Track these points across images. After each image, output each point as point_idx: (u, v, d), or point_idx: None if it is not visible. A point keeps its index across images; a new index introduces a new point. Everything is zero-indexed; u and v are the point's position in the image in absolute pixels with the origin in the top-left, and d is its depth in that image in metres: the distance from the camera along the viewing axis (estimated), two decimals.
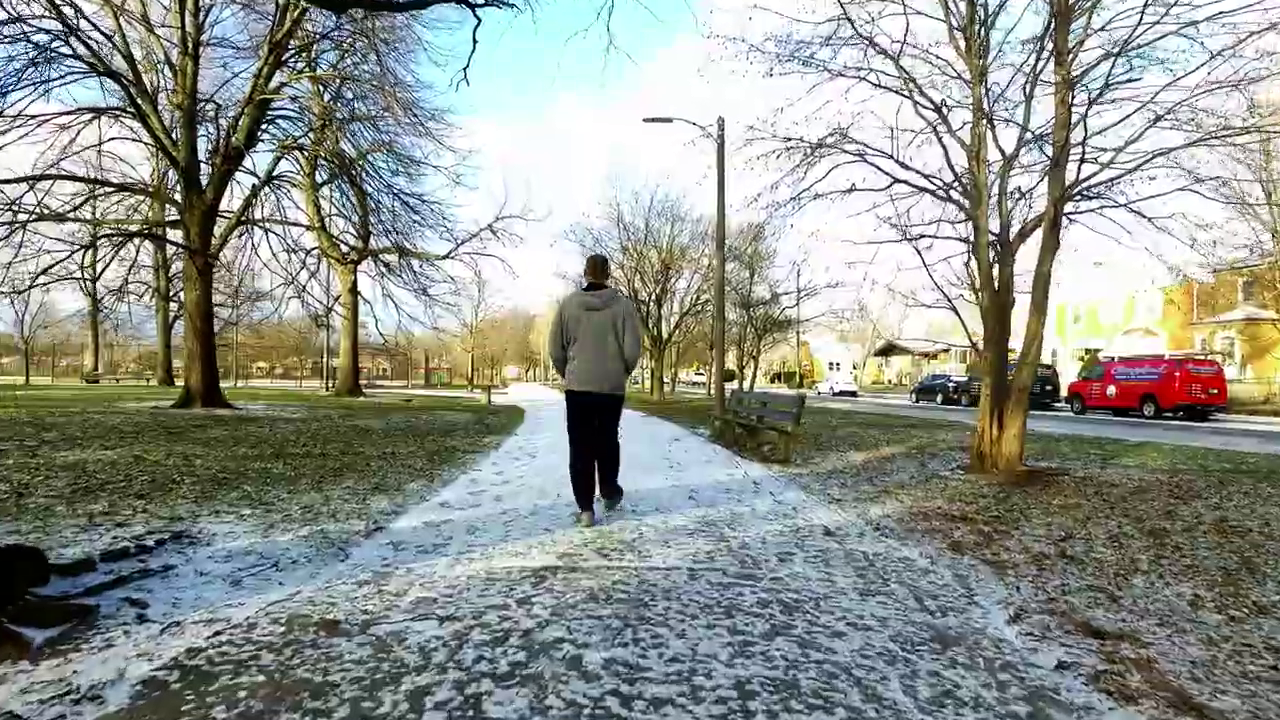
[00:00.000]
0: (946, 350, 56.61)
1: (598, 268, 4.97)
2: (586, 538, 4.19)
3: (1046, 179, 7.75)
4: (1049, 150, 8.86)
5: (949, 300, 15.25)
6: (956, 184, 8.28)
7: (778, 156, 9.08)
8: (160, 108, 15.32)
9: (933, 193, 8.77)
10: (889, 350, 66.27)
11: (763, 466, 8.24)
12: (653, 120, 14.09)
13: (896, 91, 8.62)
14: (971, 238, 8.84)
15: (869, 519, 5.14)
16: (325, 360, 35.60)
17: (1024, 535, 4.67)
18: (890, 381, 64.84)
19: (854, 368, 69.93)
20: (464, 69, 9.19)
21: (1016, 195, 9.20)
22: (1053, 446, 10.85)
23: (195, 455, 7.18)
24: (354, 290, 26.54)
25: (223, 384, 46.16)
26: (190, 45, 15.05)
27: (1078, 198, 7.97)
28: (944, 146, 7.90)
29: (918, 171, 8.30)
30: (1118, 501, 6.00)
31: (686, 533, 4.38)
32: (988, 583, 3.48)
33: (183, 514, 4.42)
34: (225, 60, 18.22)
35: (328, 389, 30.57)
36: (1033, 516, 5.40)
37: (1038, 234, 8.96)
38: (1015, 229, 8.30)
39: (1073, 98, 7.25)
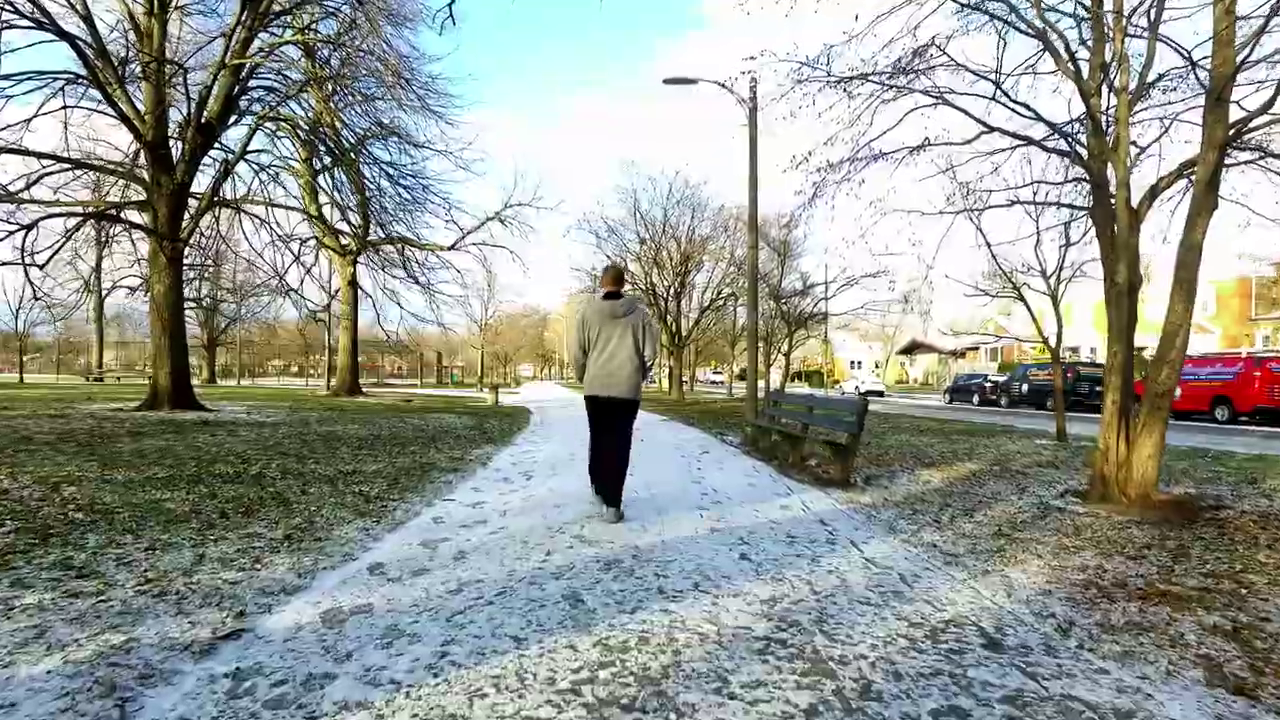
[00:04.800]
0: (975, 348, 54.24)
1: (616, 277, 5.16)
2: (584, 661, 2.40)
3: (1203, 118, 5.82)
4: (1188, 81, 6.98)
5: (1015, 288, 13.39)
6: (1076, 126, 6.41)
7: (828, 93, 7.24)
8: (126, 76, 13.70)
9: (1038, 143, 6.88)
10: (913, 348, 63.87)
11: (820, 492, 6.42)
12: (675, 81, 12.27)
13: (990, 14, 6.77)
14: (1090, 199, 6.99)
15: (1024, 598, 3.30)
16: (327, 358, 34.13)
17: None
18: (916, 380, 62.51)
19: (876, 366, 67.53)
20: (449, 3, 7.43)
21: (1134, 149, 7.32)
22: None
23: (78, 479, 5.47)
24: (353, 283, 24.93)
25: (226, 382, 44.88)
26: (155, 3, 13.42)
27: (1244, 143, 6.08)
28: (1077, 67, 5.96)
29: (1025, 107, 6.38)
30: None
31: (754, 644, 2.57)
32: None
33: None
34: (200, 24, 16.59)
35: (329, 388, 29.03)
36: (1257, 587, 3.55)
37: (1167, 196, 7.11)
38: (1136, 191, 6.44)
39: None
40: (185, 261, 23.94)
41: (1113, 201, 6.14)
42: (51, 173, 13.15)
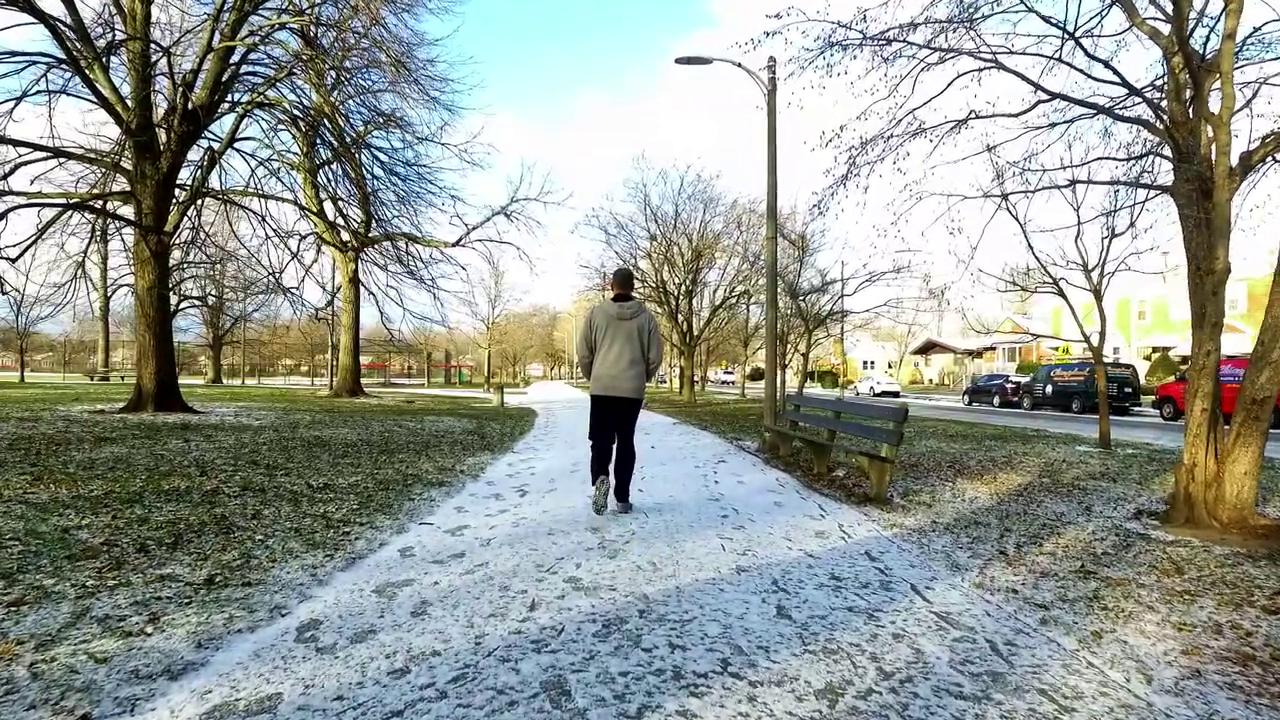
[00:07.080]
0: (992, 349, 53.06)
1: (625, 280, 5.28)
2: None
3: None
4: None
5: (1054, 281, 12.45)
6: (1155, 92, 5.51)
7: (861, 61, 6.37)
8: (108, 58, 12.98)
9: (1108, 111, 5.97)
10: (928, 348, 62.64)
11: (857, 511, 5.56)
12: (687, 61, 11.41)
13: None
14: (1171, 176, 6.10)
15: (1170, 684, 2.44)
16: (331, 357, 33.52)
17: None
18: (931, 381, 61.27)
19: (889, 366, 66.35)
20: None
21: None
22: None
23: None
24: (355, 281, 24.22)
25: (232, 382, 44.37)
26: None
27: None
28: (1180, 15, 5.05)
29: (1105, 65, 5.47)
30: None
31: None
32: None
33: None
34: (195, 12, 15.89)
35: (332, 388, 28.38)
36: None
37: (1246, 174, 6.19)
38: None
39: None
40: (185, 258, 23.33)
41: (1204, 176, 5.25)
42: (28, 162, 12.47)
